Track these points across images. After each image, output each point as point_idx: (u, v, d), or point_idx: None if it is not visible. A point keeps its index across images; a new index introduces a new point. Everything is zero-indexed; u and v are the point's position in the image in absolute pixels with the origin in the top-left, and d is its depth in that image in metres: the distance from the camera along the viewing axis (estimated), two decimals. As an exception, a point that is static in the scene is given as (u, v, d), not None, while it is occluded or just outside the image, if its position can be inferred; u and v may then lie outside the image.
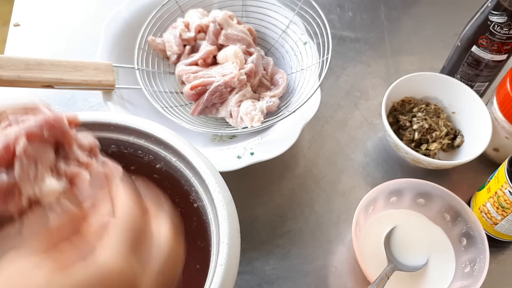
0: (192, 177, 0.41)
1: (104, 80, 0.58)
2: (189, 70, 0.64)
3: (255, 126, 0.59)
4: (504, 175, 0.53)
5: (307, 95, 0.59)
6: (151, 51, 0.67)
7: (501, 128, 0.62)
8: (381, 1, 0.86)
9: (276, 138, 0.59)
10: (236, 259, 0.36)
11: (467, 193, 0.62)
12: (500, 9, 0.59)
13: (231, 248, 0.36)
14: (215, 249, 0.37)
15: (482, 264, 0.53)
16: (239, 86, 0.62)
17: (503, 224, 0.56)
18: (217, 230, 0.38)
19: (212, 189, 0.39)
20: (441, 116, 0.67)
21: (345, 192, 0.64)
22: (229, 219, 0.38)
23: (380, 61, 0.78)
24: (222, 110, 0.63)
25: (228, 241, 0.36)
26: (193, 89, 0.62)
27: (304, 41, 0.68)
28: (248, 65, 0.64)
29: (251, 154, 0.57)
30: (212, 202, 0.39)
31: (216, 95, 0.62)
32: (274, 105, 0.63)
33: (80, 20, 0.79)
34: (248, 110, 0.60)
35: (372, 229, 0.59)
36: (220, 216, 0.38)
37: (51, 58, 0.55)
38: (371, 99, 0.73)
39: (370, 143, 0.69)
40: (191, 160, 0.40)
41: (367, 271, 0.52)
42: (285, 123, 0.60)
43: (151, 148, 0.42)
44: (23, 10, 0.80)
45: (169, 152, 0.42)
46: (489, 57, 0.63)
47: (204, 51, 0.66)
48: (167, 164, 0.42)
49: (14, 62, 0.52)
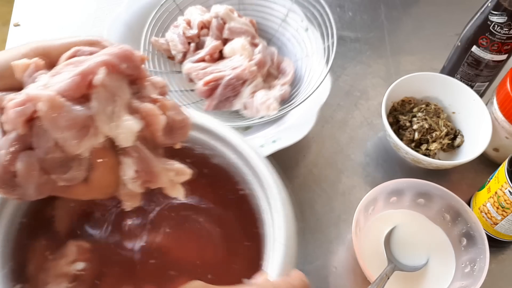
0: (250, 175, 0.39)
1: None
2: (197, 67, 0.65)
3: (272, 114, 0.60)
4: (504, 175, 0.53)
5: (318, 80, 0.60)
6: (155, 52, 0.67)
7: (501, 128, 0.62)
8: (381, 1, 0.86)
9: (293, 124, 0.60)
10: (293, 260, 0.34)
11: (467, 193, 0.62)
12: (500, 9, 0.59)
13: (288, 249, 0.35)
14: (271, 250, 0.35)
15: (482, 264, 0.53)
16: (251, 78, 0.63)
17: (503, 224, 0.56)
18: (273, 229, 0.36)
19: (270, 190, 0.37)
20: (441, 116, 0.67)
21: (345, 192, 0.64)
22: (285, 219, 0.36)
23: (380, 61, 0.78)
24: (236, 103, 0.64)
25: (286, 242, 0.35)
26: (206, 85, 0.62)
27: (305, 28, 0.69)
28: (256, 56, 0.65)
29: (273, 141, 0.58)
30: (267, 200, 0.37)
31: (229, 88, 0.62)
32: (286, 92, 0.65)
33: (80, 20, 0.79)
34: (263, 99, 0.62)
35: (372, 229, 0.59)
36: (276, 216, 0.36)
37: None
38: (371, 99, 0.73)
39: (370, 143, 0.69)
40: (247, 156, 0.38)
41: (367, 271, 0.52)
42: (299, 109, 0.61)
43: (211, 144, 0.40)
44: (23, 10, 0.79)
45: (229, 148, 0.40)
46: (489, 57, 0.63)
47: (209, 46, 0.66)
48: (225, 159, 0.40)
49: None
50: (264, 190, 0.38)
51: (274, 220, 0.36)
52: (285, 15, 0.70)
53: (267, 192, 0.37)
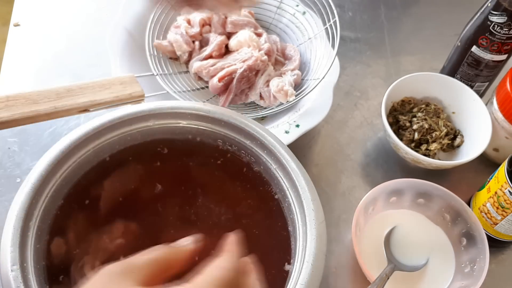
0: (288, 188, 0.41)
1: (134, 92, 0.59)
2: (206, 64, 0.65)
3: (291, 100, 0.62)
4: (504, 175, 0.53)
5: (327, 61, 0.62)
6: (161, 55, 0.67)
7: (501, 128, 0.62)
8: (381, 1, 0.86)
9: (312, 108, 0.62)
10: (317, 281, 0.35)
11: (467, 193, 0.62)
12: (500, 9, 0.59)
13: (315, 269, 0.35)
14: (297, 267, 0.36)
15: (482, 264, 0.53)
16: (263, 67, 0.64)
17: (503, 224, 0.56)
18: (303, 248, 0.37)
19: (307, 206, 0.39)
20: (441, 116, 0.67)
21: (345, 192, 0.64)
22: (318, 240, 0.37)
23: (380, 61, 0.78)
24: (251, 95, 0.65)
25: (313, 262, 0.35)
26: (221, 81, 0.63)
27: (302, 12, 0.70)
28: (265, 45, 0.66)
29: (297, 126, 0.60)
30: (304, 218, 0.38)
31: (243, 81, 0.63)
32: (298, 77, 0.66)
33: (80, 20, 0.79)
34: (280, 86, 0.62)
35: (372, 229, 0.59)
36: (309, 235, 0.37)
37: (80, 82, 0.56)
38: (371, 99, 0.73)
39: (370, 143, 0.69)
40: (290, 170, 0.40)
41: (367, 271, 0.52)
42: (312, 93, 0.63)
43: (254, 151, 0.43)
44: (23, 10, 0.79)
45: (271, 158, 0.42)
46: (489, 57, 0.63)
47: (215, 42, 0.66)
48: (265, 169, 0.43)
49: (45, 94, 0.52)
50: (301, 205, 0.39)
51: (307, 241, 0.37)
52: (279, 1, 0.71)
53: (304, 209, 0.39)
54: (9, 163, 0.63)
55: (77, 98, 0.53)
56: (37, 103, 0.50)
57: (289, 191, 0.41)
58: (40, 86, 0.52)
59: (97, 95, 0.55)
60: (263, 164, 0.43)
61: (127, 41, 0.67)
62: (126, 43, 0.66)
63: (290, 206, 0.40)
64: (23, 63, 0.73)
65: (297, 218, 0.39)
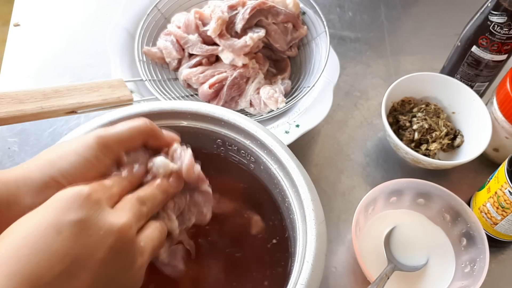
0: (288, 188, 0.41)
1: (122, 96, 0.59)
2: (196, 72, 0.65)
3: (281, 107, 0.62)
4: (504, 175, 0.53)
5: (320, 63, 0.64)
6: (149, 61, 0.67)
7: (501, 128, 0.62)
8: (381, 1, 0.86)
9: (312, 108, 0.63)
10: (317, 281, 0.35)
11: (467, 193, 0.62)
12: (500, 9, 0.59)
13: (315, 269, 0.35)
14: (297, 267, 0.36)
15: (482, 264, 0.53)
16: (254, 75, 0.64)
17: (503, 224, 0.56)
18: (303, 248, 0.37)
19: (307, 205, 0.39)
20: (441, 116, 0.67)
21: (345, 192, 0.64)
22: (318, 240, 0.37)
23: (380, 61, 0.78)
24: (241, 102, 0.65)
25: (313, 262, 0.35)
26: (211, 87, 0.63)
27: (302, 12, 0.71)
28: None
29: (297, 126, 0.60)
30: (304, 218, 0.38)
31: (234, 88, 0.63)
32: (288, 86, 0.67)
33: (80, 20, 0.79)
34: (270, 93, 0.63)
35: (372, 229, 0.59)
36: (309, 235, 0.37)
37: (67, 84, 0.55)
38: (371, 99, 0.73)
39: (370, 143, 0.69)
40: (290, 170, 0.41)
41: (367, 271, 0.52)
42: (313, 92, 0.64)
43: (254, 151, 0.43)
44: (23, 10, 0.80)
45: (271, 158, 0.42)
46: (489, 57, 0.63)
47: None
48: (266, 169, 0.43)
49: (32, 94, 0.52)
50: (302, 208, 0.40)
51: (307, 241, 0.37)
52: None
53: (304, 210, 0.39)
54: (9, 163, 0.63)
55: (64, 100, 0.53)
56: (23, 103, 0.50)
57: (289, 191, 0.41)
58: (40, 86, 0.52)
59: (85, 97, 0.55)
60: (263, 164, 0.43)
61: (127, 41, 0.67)
62: (126, 43, 0.66)
63: (290, 206, 0.40)
64: (23, 63, 0.73)
65: (297, 218, 0.39)
